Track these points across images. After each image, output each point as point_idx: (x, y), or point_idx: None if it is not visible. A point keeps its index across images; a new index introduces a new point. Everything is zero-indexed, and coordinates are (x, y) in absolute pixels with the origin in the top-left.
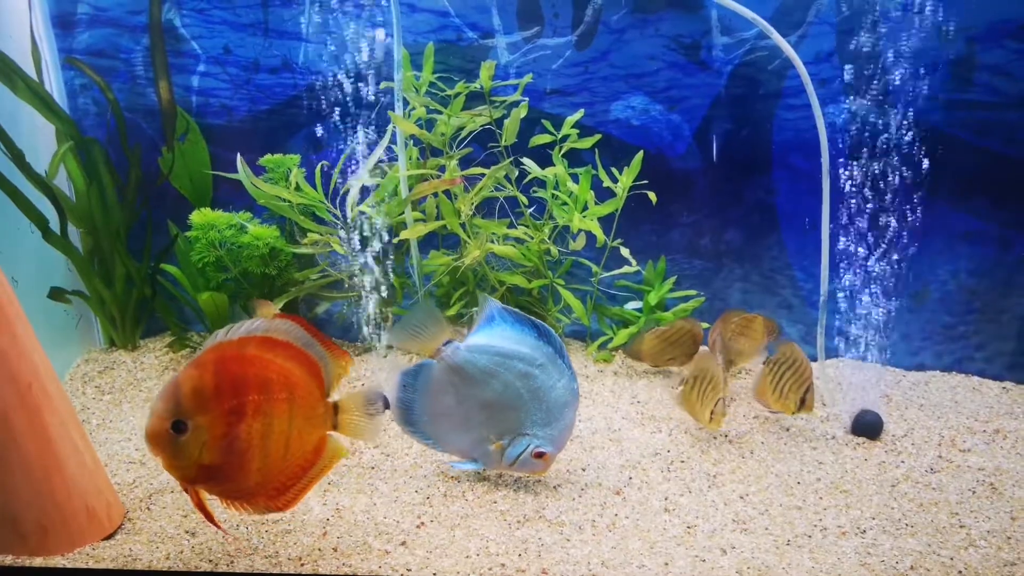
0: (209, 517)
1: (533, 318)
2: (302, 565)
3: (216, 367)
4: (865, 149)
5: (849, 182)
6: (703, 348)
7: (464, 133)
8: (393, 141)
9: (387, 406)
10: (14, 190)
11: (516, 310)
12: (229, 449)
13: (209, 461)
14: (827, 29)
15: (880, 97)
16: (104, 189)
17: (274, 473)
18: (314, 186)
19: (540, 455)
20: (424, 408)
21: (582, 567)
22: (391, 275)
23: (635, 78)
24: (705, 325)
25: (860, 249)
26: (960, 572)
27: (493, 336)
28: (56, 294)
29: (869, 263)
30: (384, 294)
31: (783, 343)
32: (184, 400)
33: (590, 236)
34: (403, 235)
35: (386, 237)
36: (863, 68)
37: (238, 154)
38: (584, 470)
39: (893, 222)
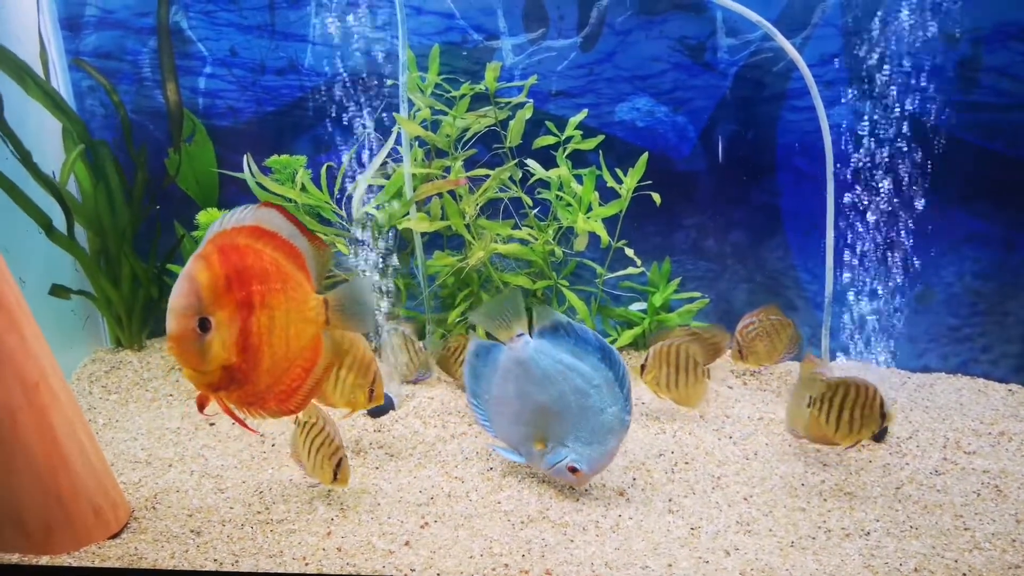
0: (240, 421)
1: (604, 340)
2: (306, 564)
3: (221, 257)
4: (870, 151)
5: (854, 184)
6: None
7: (469, 134)
8: (398, 142)
9: (392, 407)
10: (13, 187)
11: (584, 327)
12: (245, 346)
13: (229, 361)
14: (832, 31)
15: (885, 99)
16: (111, 190)
17: (280, 372)
18: (319, 187)
19: (573, 470)
20: (489, 388)
21: (586, 568)
22: (396, 275)
23: (640, 80)
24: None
25: (864, 251)
26: (964, 575)
27: (558, 345)
28: (57, 291)
29: (874, 265)
30: (389, 295)
31: (820, 379)
32: (204, 294)
33: (595, 237)
34: (407, 224)
35: (391, 238)
36: (868, 70)
37: (246, 155)
38: None
39: (898, 224)
